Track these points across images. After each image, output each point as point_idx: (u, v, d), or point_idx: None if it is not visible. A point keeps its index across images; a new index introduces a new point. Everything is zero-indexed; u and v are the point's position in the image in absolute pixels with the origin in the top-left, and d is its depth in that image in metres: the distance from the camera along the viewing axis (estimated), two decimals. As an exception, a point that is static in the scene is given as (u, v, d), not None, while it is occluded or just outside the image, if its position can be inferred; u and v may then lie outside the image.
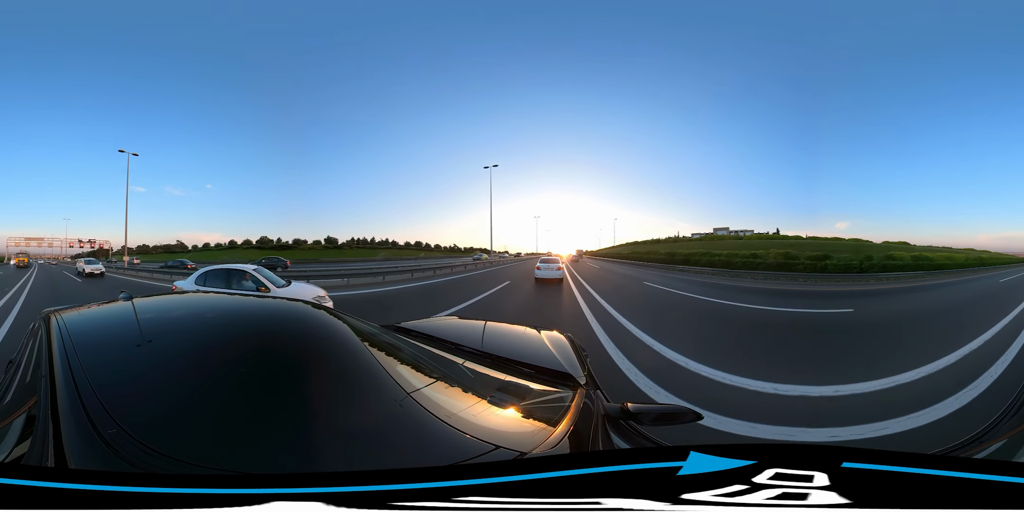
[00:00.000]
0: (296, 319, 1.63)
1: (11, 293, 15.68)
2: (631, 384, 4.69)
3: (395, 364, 1.37)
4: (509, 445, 0.99)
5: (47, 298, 14.37)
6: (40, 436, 0.88)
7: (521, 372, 1.64)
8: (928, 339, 7.78)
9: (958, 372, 5.32)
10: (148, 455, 0.82)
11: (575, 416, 1.21)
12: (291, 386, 1.12)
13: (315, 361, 1.28)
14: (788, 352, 6.81)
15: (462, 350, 1.84)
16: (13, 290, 16.97)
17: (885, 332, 8.70)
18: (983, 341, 7.24)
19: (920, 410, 3.98)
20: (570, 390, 1.46)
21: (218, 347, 1.32)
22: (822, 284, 23.88)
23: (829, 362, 6.06)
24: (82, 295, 15.51)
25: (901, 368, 5.37)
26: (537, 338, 2.24)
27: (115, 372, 1.15)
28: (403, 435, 1.01)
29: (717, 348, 6.76)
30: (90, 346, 1.30)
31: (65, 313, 1.67)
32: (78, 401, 0.95)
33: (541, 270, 19.39)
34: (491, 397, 1.30)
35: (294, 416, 1.01)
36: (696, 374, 5.16)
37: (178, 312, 1.79)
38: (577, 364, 1.78)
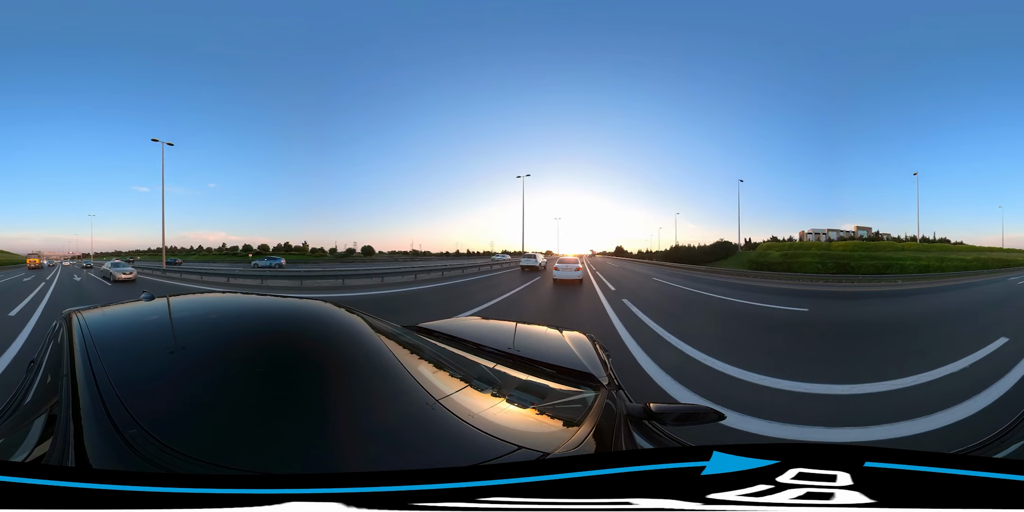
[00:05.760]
0: (317, 319, 1.63)
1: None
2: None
3: (416, 364, 1.37)
4: (532, 445, 0.99)
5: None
6: (61, 436, 0.89)
7: (543, 372, 1.64)
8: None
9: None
10: (168, 455, 0.82)
11: (598, 416, 1.21)
12: (312, 386, 1.12)
13: (336, 361, 1.28)
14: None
15: (483, 350, 1.85)
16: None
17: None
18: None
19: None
20: (592, 390, 1.46)
21: (239, 347, 1.33)
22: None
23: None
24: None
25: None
26: (559, 338, 2.25)
27: (136, 372, 1.16)
28: (424, 435, 1.00)
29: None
30: (111, 346, 1.31)
31: (86, 313, 1.68)
32: (99, 401, 0.95)
33: (559, 271, 18.61)
34: (513, 397, 1.30)
35: (314, 416, 1.01)
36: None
37: (200, 311, 1.80)
38: (599, 364, 1.78)
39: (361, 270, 23.64)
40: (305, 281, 20.11)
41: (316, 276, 21.58)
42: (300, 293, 14.64)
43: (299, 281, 20.04)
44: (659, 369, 5.12)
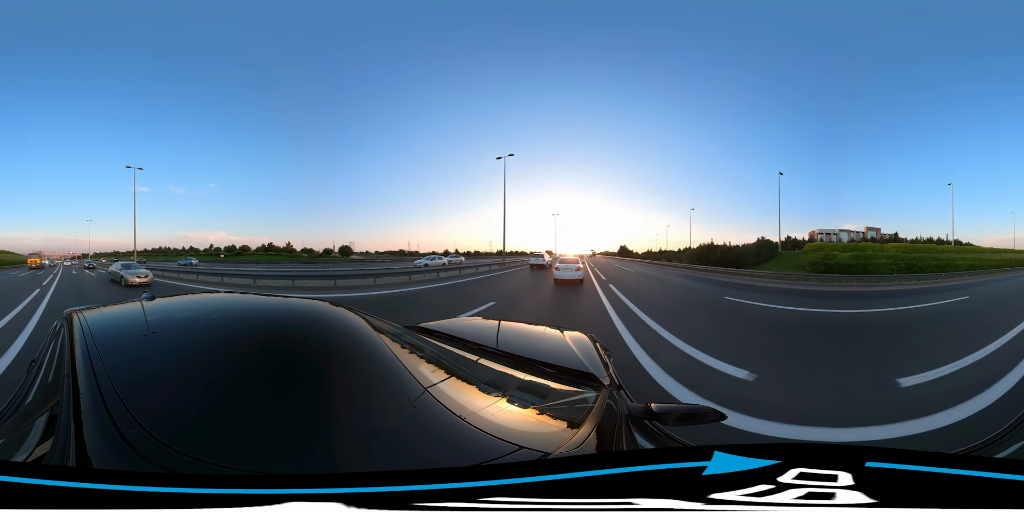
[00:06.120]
0: (317, 319, 1.63)
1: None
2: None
3: (417, 364, 1.37)
4: (533, 445, 0.99)
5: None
6: (62, 436, 0.89)
7: (544, 372, 1.64)
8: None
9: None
10: (169, 455, 0.82)
11: (599, 416, 1.21)
12: (312, 386, 1.12)
13: (336, 361, 1.28)
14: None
15: (484, 350, 1.85)
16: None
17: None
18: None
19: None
20: (593, 390, 1.46)
21: (240, 347, 1.33)
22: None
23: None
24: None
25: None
26: (560, 338, 2.25)
27: (138, 372, 1.15)
28: (425, 436, 1.00)
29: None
30: (113, 346, 1.31)
31: (87, 313, 1.68)
32: (100, 401, 0.95)
33: (560, 271, 18.45)
34: (514, 397, 1.30)
35: (315, 416, 1.01)
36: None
37: (201, 311, 1.80)
38: (600, 364, 1.78)
39: (314, 272, 23.63)
40: (226, 278, 20.49)
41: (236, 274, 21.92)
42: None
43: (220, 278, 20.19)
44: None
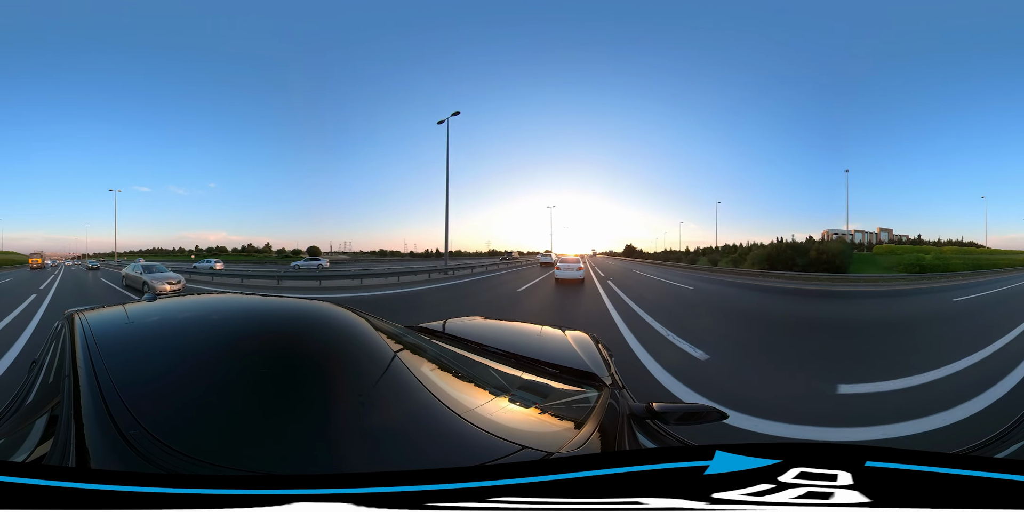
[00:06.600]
0: (319, 319, 1.63)
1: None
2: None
3: (419, 364, 1.37)
4: (536, 445, 0.99)
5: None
6: (62, 436, 0.89)
7: (546, 372, 1.64)
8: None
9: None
10: (170, 456, 0.82)
11: (601, 416, 1.21)
12: (315, 386, 1.12)
13: (339, 361, 1.28)
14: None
15: (486, 350, 1.85)
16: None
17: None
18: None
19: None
20: (595, 390, 1.46)
21: (241, 347, 1.32)
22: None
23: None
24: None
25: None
26: (561, 338, 2.25)
27: (139, 372, 1.15)
28: (428, 436, 1.00)
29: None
30: (114, 346, 1.31)
31: (89, 313, 1.68)
32: (101, 401, 0.95)
33: (562, 271, 18.43)
34: (516, 397, 1.30)
35: (317, 417, 1.01)
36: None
37: (202, 312, 1.80)
38: (602, 364, 1.78)
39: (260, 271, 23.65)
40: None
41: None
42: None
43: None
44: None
